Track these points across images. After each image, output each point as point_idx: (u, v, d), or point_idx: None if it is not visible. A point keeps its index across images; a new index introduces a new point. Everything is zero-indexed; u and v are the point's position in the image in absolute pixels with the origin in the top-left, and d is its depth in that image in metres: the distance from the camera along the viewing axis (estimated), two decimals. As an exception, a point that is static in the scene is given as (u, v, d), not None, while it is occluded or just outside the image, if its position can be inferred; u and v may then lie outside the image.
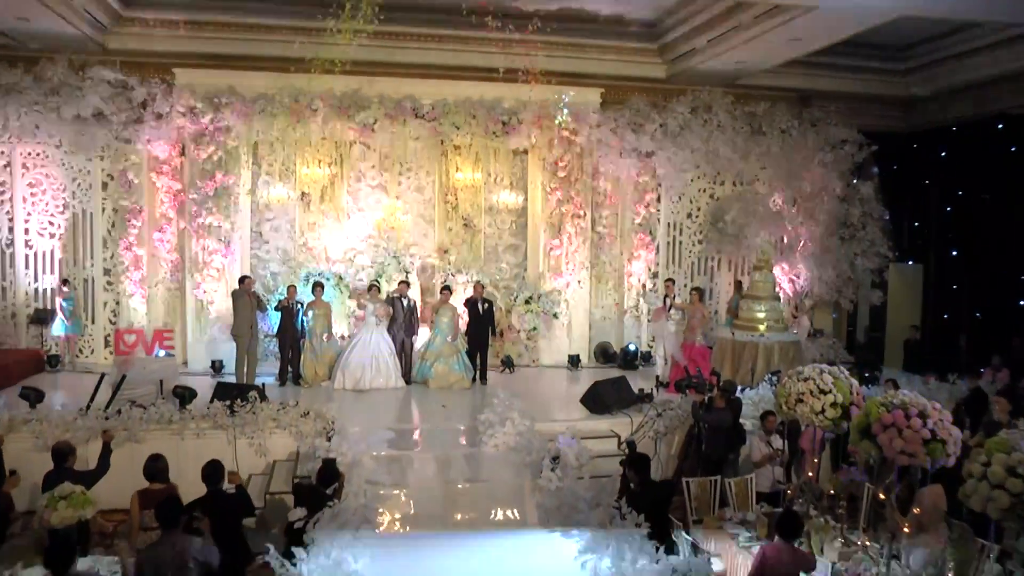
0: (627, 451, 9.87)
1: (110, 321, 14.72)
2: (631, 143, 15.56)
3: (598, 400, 11.43)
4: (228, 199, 14.28)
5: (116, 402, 10.34)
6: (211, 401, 10.55)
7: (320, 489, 7.88)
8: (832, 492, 8.19)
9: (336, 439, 8.88)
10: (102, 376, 11.09)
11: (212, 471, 7.46)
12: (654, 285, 16.11)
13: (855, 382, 7.88)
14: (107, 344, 14.63)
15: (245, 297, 12.60)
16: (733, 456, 10.05)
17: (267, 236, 15.45)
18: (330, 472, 8.06)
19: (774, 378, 12.36)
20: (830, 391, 7.50)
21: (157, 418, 10.14)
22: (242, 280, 12.85)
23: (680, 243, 16.78)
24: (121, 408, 10.24)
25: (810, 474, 8.34)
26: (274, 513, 8.94)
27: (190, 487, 7.83)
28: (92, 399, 10.43)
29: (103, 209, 14.62)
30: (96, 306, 14.74)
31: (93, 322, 14.72)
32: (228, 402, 10.30)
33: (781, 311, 14.49)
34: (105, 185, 14.60)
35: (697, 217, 16.76)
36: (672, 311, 13.62)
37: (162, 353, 13.67)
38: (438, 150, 15.51)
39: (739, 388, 11.90)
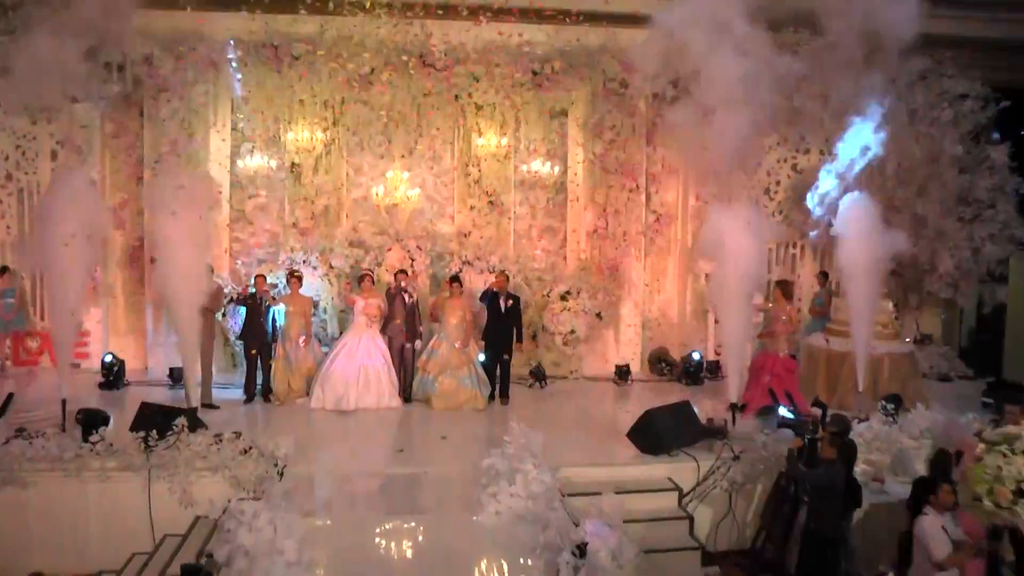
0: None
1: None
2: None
3: (652, 435, 8.42)
4: (194, 170, 11.59)
5: (-1, 431, 7.74)
6: (132, 429, 7.84)
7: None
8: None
9: (248, 512, 5.96)
10: (9, 396, 8.48)
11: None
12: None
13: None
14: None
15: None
16: (845, 523, 6.99)
17: (251, 216, 12.77)
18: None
19: (889, 405, 9.23)
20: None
21: (45, 454, 7.45)
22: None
23: (754, 226, 13.61)
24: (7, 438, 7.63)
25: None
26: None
27: (92, 549, 7.01)
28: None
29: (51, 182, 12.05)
30: (45, 301, 12.17)
31: (43, 319, 12.22)
32: (145, 433, 7.58)
33: (891, 312, 11.29)
34: (54, 154, 12.04)
35: (776, 193, 13.55)
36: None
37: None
38: (454, 108, 12.60)
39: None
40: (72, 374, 9.61)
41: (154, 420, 7.83)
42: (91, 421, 7.78)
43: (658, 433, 8.37)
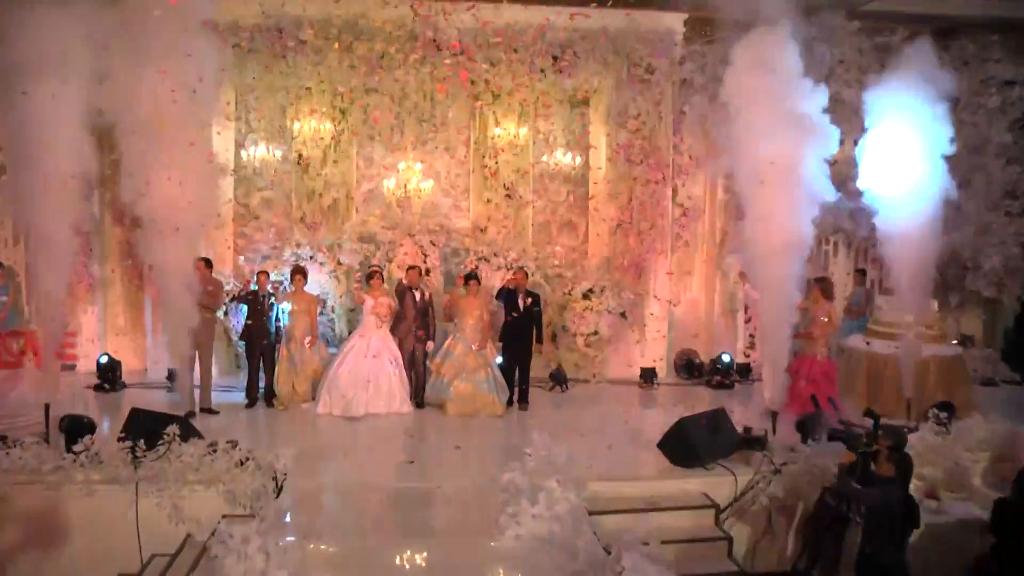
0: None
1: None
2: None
3: (686, 446, 7.71)
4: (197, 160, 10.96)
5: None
6: (120, 438, 7.20)
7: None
8: None
9: (237, 537, 5.27)
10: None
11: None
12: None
13: None
14: (54, 345, 11.58)
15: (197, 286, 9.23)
16: (901, 543, 6.26)
17: (257, 211, 12.16)
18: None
19: (941, 413, 8.47)
20: None
21: (22, 465, 6.82)
22: (196, 262, 9.44)
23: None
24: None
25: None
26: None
27: (74, 569, 6.38)
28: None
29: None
30: (41, 297, 11.65)
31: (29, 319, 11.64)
32: (133, 442, 6.94)
33: (937, 312, 10.55)
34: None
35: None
36: (786, 311, 9.82)
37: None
38: (470, 96, 11.92)
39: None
40: (60, 376, 9.07)
41: (144, 428, 7.19)
42: (75, 429, 7.14)
43: (693, 444, 7.65)
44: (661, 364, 11.87)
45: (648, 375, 11.34)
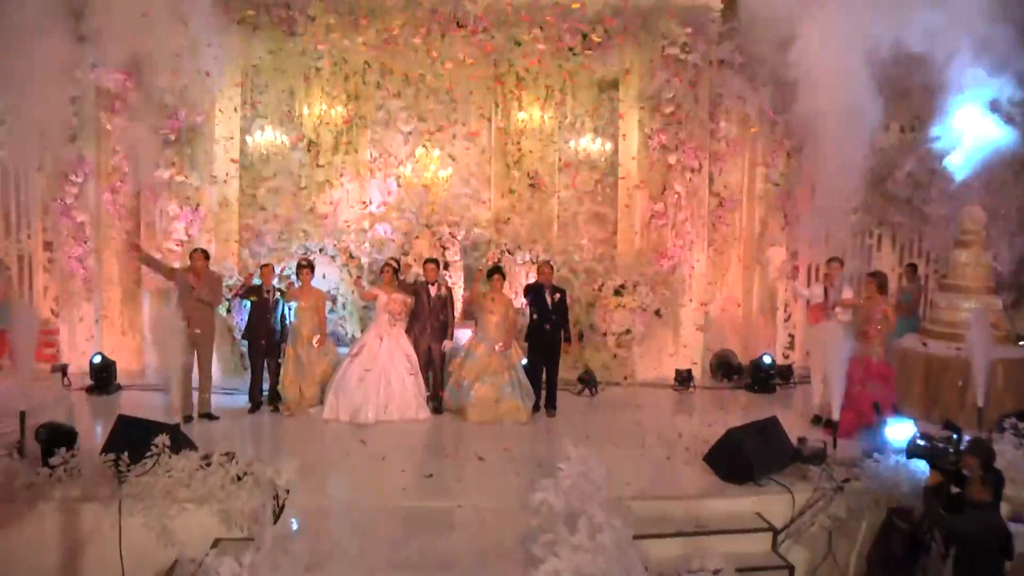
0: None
1: (52, 312, 10.92)
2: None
3: (739, 460, 6.87)
4: (198, 146, 10.25)
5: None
6: (103, 451, 6.44)
7: None
8: None
9: (226, 571, 4.47)
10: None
11: None
12: (795, 269, 11.43)
13: None
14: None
15: (191, 280, 8.48)
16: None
17: (264, 201, 11.40)
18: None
19: (1022, 424, 7.56)
20: None
21: (-9, 480, 6.08)
22: (192, 254, 8.70)
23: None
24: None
25: None
26: None
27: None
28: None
29: (40, 161, 10.72)
30: (35, 293, 10.91)
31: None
32: (117, 455, 6.18)
33: (1001, 311, 9.65)
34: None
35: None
36: (838, 309, 8.97)
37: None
38: (492, 76, 11.11)
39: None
40: (42, 378, 8.34)
41: (131, 438, 6.42)
42: (54, 439, 6.38)
43: (746, 458, 6.81)
44: (695, 366, 11.01)
45: (684, 377, 10.49)
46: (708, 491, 6.82)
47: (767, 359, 10.70)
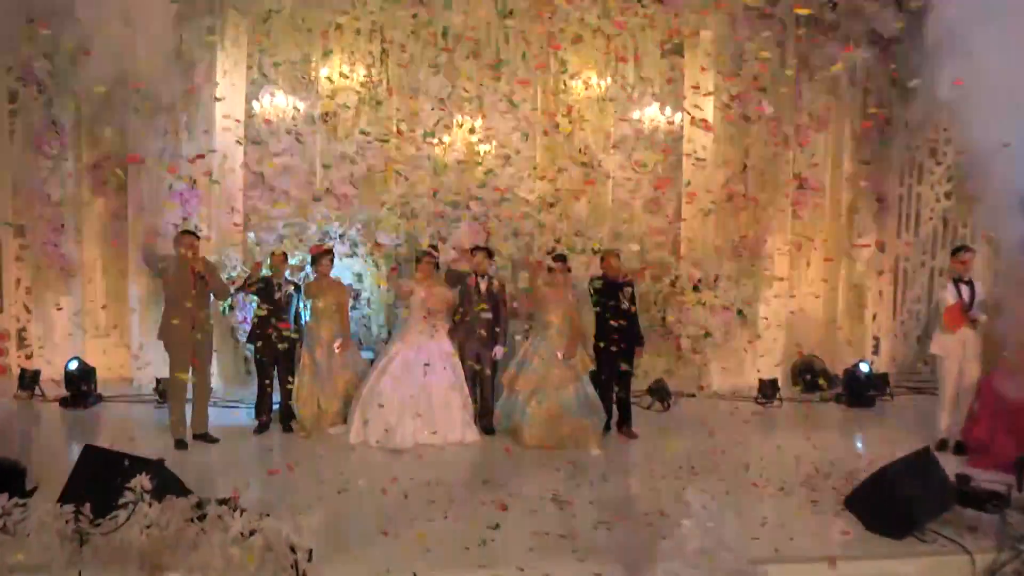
0: None
1: (26, 308, 9.37)
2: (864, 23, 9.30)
3: (896, 508, 5.23)
4: (196, 114, 8.68)
5: None
6: (61, 498, 4.81)
7: None
8: None
9: None
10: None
11: None
12: (893, 262, 9.86)
13: None
14: (23, 343, 9.31)
15: (179, 268, 6.84)
16: None
17: (272, 179, 9.81)
18: None
19: None
20: None
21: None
22: (179, 237, 7.03)
23: (918, 196, 10.36)
24: None
25: None
26: None
27: None
28: None
29: (11, 131, 9.18)
30: (7, 285, 9.37)
31: (0, 311, 9.39)
32: (76, 507, 4.55)
33: None
34: (14, 96, 9.14)
35: (944, 155, 10.28)
36: (978, 311, 7.35)
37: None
38: (542, 38, 9.51)
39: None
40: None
41: (99, 478, 4.81)
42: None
43: (906, 503, 5.19)
44: (777, 372, 9.41)
45: (768, 389, 8.89)
46: (851, 547, 5.17)
47: (864, 367, 9.11)
